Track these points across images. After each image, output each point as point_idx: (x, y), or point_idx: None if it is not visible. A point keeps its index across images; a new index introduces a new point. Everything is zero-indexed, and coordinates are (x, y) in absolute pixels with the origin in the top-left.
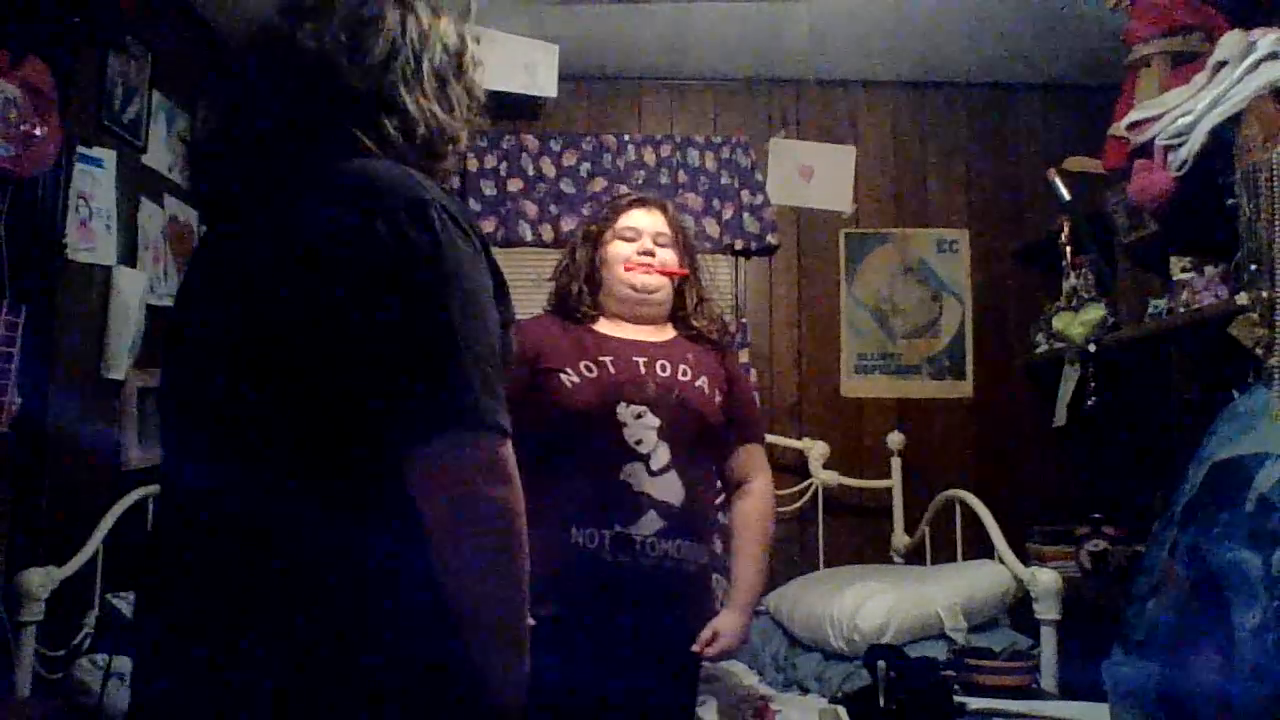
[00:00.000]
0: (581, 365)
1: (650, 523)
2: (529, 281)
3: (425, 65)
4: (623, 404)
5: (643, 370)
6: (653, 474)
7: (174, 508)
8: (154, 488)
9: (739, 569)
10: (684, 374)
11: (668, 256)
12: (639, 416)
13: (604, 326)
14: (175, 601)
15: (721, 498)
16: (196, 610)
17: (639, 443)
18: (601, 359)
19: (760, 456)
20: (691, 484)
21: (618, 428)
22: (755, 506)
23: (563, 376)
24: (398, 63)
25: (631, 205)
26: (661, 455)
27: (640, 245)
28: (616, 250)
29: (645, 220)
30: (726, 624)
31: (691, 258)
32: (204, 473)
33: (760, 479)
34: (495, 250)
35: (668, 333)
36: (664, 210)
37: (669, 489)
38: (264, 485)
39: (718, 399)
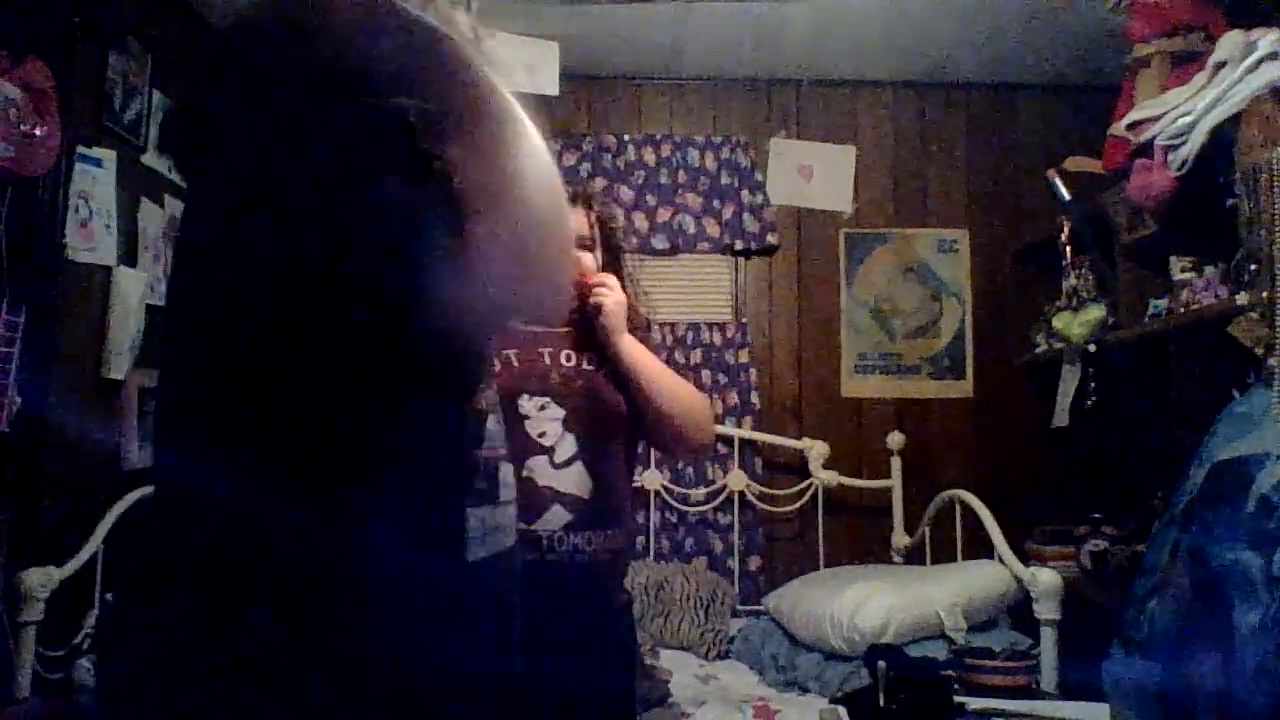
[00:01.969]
0: None
1: (555, 518)
2: None
3: None
4: (525, 396)
5: (546, 361)
6: (557, 467)
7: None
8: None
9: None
10: (590, 362)
11: (586, 261)
12: (542, 409)
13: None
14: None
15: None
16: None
17: (542, 435)
18: (505, 351)
19: None
20: (600, 475)
21: (519, 420)
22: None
23: None
24: None
25: None
26: (566, 447)
27: None
28: None
29: (574, 219)
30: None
31: (615, 256)
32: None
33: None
34: None
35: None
36: (589, 207)
37: (575, 482)
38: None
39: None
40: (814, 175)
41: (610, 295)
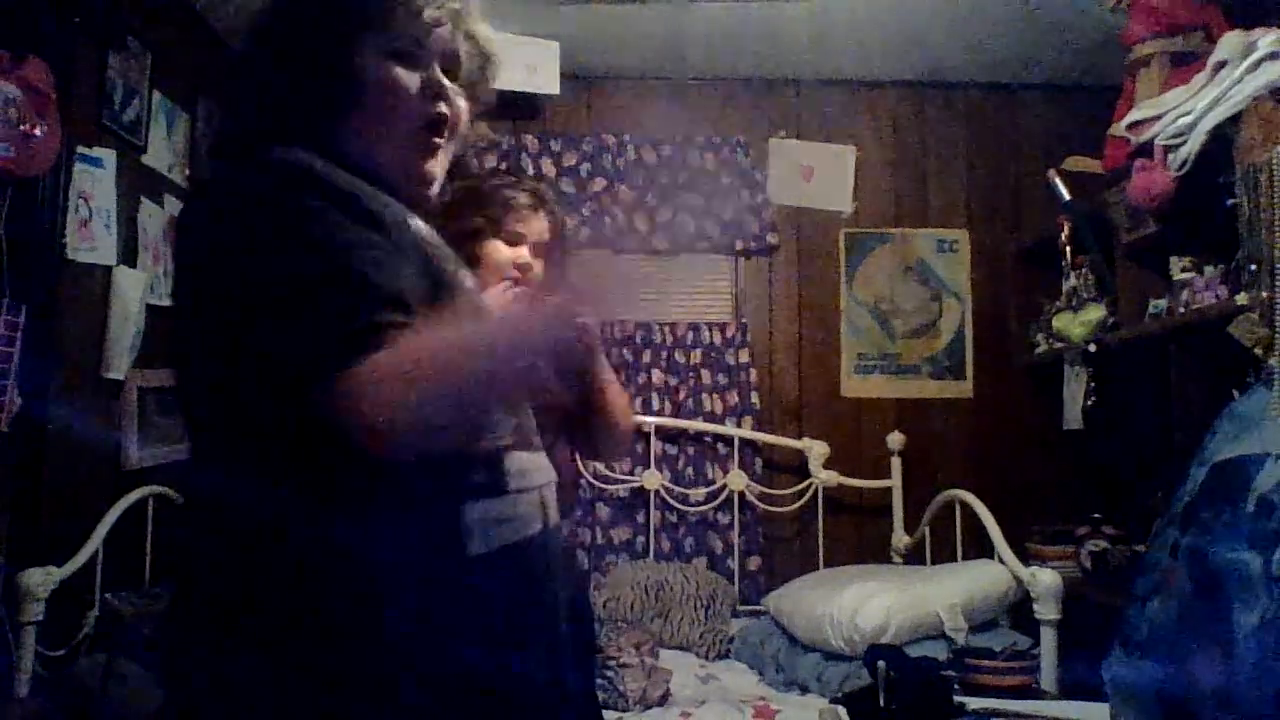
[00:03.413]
0: None
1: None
2: None
3: None
4: None
5: None
6: (530, 453)
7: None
8: (154, 488)
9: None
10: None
11: (540, 269)
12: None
13: None
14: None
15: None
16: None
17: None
18: None
19: None
20: (556, 463)
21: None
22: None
23: None
24: None
25: (524, 208)
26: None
27: (518, 255)
28: (498, 255)
29: (534, 225)
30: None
31: (564, 258)
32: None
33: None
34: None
35: None
36: (551, 212)
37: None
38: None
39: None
40: (814, 175)
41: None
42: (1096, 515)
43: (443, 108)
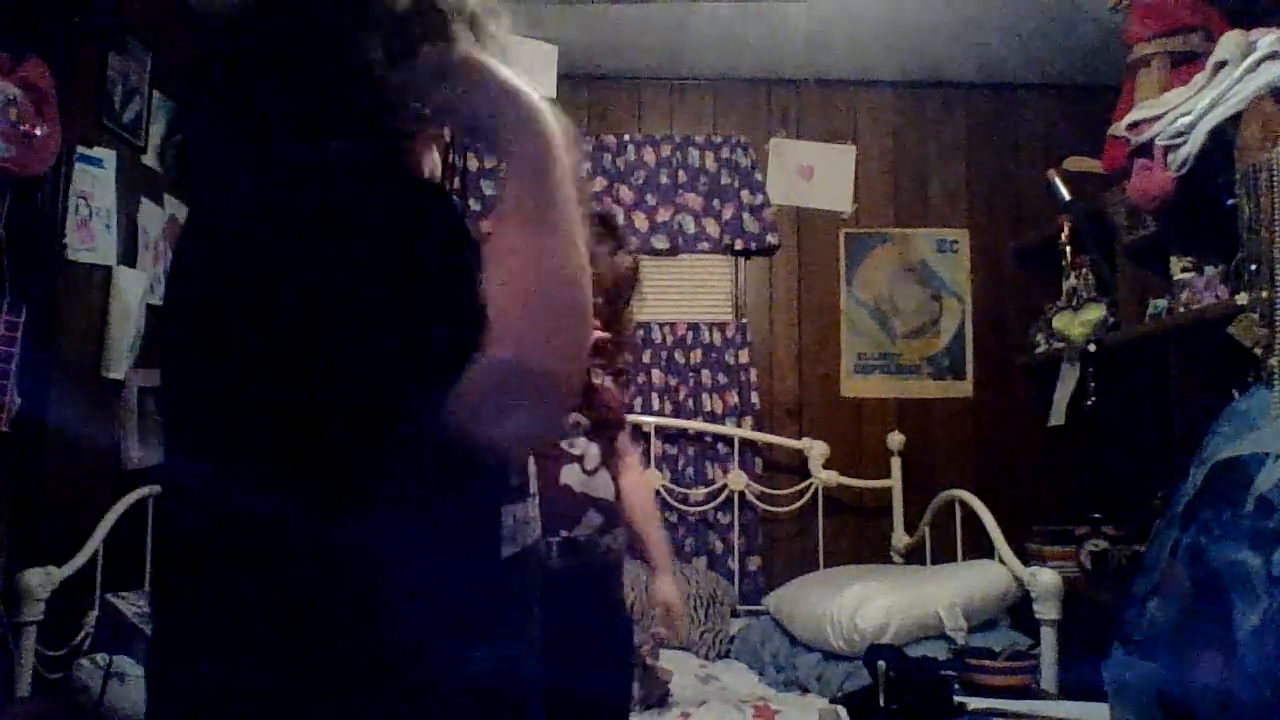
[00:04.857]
0: None
1: (591, 521)
2: None
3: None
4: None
5: None
6: (588, 474)
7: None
8: (154, 488)
9: (651, 533)
10: (595, 376)
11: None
12: (575, 422)
13: None
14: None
15: None
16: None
17: (571, 445)
18: None
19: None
20: (615, 479)
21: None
22: (640, 475)
23: None
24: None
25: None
26: (593, 455)
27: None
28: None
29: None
30: (669, 593)
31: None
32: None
33: (632, 451)
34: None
35: None
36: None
37: (603, 486)
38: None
39: (619, 393)
40: (814, 175)
41: (677, 617)
42: (1096, 515)
43: None
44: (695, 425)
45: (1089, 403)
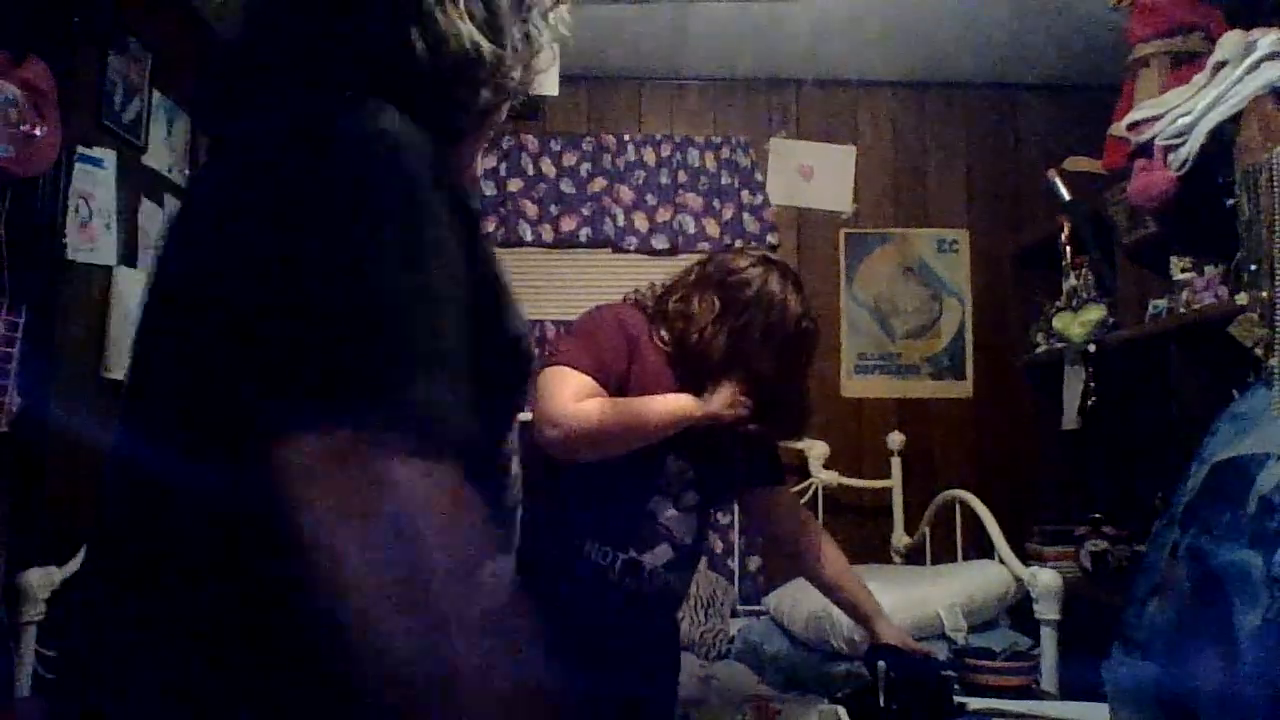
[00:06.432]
0: None
1: (662, 554)
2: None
3: None
4: (672, 455)
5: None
6: (678, 510)
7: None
8: None
9: (858, 593)
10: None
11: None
12: (679, 463)
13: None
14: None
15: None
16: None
17: (669, 484)
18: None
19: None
20: (704, 524)
21: (660, 466)
22: (831, 541)
23: None
24: None
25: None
26: (689, 498)
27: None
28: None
29: None
30: (893, 631)
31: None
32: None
33: (807, 511)
34: (496, 250)
35: None
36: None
37: (686, 527)
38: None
39: (754, 449)
40: (814, 175)
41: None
42: (1096, 515)
43: None
44: None
45: (1089, 403)
